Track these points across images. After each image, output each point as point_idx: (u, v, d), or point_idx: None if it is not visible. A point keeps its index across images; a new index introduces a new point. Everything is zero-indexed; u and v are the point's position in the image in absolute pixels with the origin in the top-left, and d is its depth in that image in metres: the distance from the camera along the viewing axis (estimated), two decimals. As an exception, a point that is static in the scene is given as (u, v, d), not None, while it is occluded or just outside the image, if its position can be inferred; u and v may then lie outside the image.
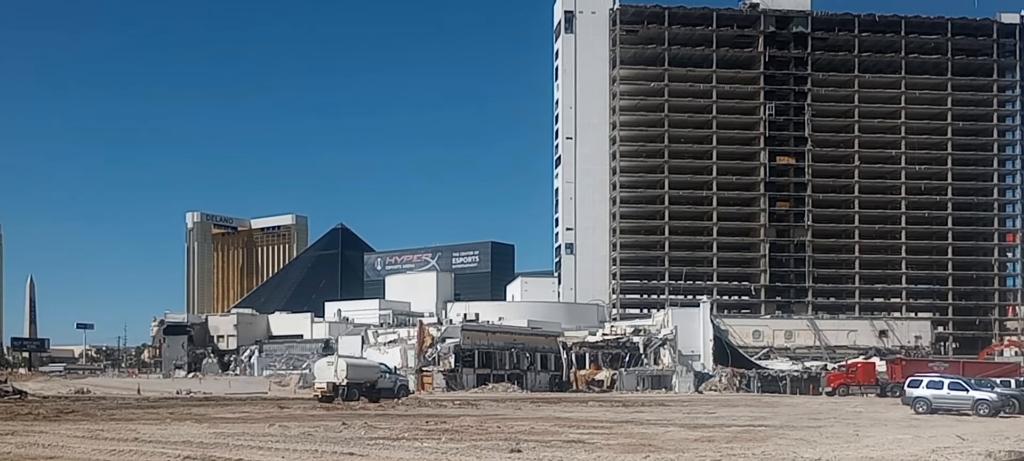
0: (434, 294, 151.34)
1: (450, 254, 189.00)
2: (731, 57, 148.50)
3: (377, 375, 61.88)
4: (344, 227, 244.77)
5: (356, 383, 58.70)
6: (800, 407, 60.36)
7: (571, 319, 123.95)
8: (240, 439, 28.79)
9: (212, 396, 68.36)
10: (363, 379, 59.97)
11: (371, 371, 62.59)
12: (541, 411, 50.64)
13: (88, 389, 78.07)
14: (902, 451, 27.63)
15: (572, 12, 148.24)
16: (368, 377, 60.76)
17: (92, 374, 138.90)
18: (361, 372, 60.88)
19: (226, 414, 43.49)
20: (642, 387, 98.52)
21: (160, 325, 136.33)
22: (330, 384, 57.59)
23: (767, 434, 34.06)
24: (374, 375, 61.63)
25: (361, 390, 58.66)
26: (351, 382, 58.20)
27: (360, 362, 67.74)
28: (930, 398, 51.83)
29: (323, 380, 58.57)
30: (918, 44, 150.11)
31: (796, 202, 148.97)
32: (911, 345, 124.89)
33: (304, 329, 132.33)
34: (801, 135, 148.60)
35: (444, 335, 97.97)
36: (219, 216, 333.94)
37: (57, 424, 35.70)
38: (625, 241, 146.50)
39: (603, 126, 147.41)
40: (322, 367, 61.05)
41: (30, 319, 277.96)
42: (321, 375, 59.81)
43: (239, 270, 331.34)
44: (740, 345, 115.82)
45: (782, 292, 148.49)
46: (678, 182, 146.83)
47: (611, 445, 28.32)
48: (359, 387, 58.76)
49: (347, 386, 57.71)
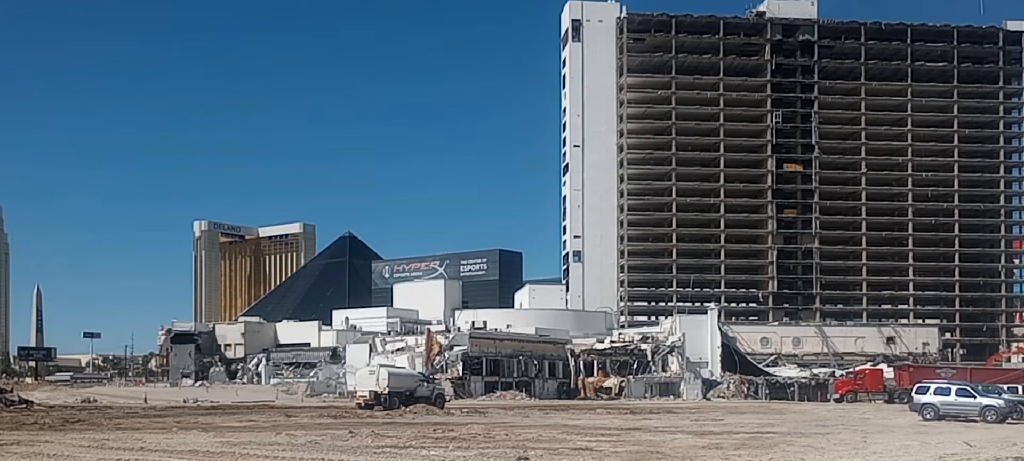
0: (442, 302, 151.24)
1: (458, 262, 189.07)
2: (738, 65, 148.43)
3: (416, 383, 64.09)
4: (352, 235, 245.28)
5: (396, 391, 60.62)
6: (808, 414, 60.26)
7: (579, 327, 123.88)
8: (247, 448, 28.81)
9: (219, 405, 68.39)
10: (403, 387, 61.95)
11: (410, 380, 65.04)
12: (549, 418, 50.61)
13: (94, 398, 77.99)
14: (910, 458, 27.59)
15: (579, 21, 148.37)
16: (408, 385, 62.89)
17: (99, 383, 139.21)
18: (401, 381, 63.10)
19: (233, 423, 43.53)
20: (650, 394, 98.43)
21: (167, 334, 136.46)
22: (372, 392, 59.70)
23: (775, 441, 34.00)
24: (413, 383, 63.84)
25: (401, 398, 60.43)
26: (392, 390, 60.12)
27: (400, 371, 69.79)
28: (937, 404, 51.76)
29: (365, 389, 60.79)
30: (924, 52, 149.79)
31: (803, 209, 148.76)
32: (918, 352, 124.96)
33: (312, 337, 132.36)
34: (808, 142, 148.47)
35: (452, 343, 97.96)
36: (227, 225, 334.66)
37: (63, 434, 35.74)
38: (633, 248, 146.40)
39: (611, 134, 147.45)
40: (364, 376, 63.19)
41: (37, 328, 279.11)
42: (363, 384, 61.96)
43: (246, 279, 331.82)
44: (748, 352, 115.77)
45: (790, 299, 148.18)
46: (686, 189, 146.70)
47: (618, 452, 28.28)
48: (399, 395, 60.62)
49: (388, 394, 59.57)
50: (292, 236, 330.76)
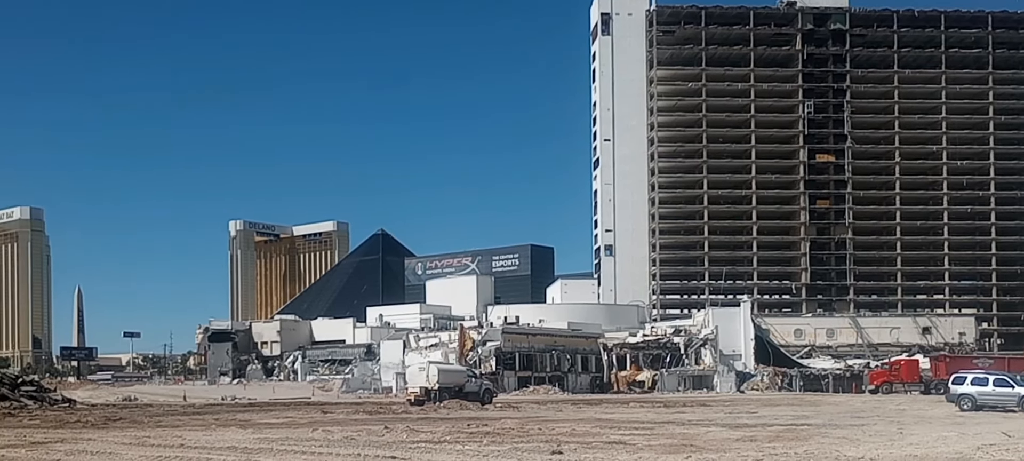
0: (474, 298, 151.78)
1: (490, 258, 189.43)
2: (769, 56, 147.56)
3: (465, 379, 64.73)
4: (385, 233, 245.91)
5: (446, 387, 61.41)
6: (843, 405, 59.92)
7: (611, 321, 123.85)
8: (284, 444, 29.16)
9: (256, 402, 69.05)
10: (453, 383, 62.69)
11: (460, 375, 65.74)
12: (582, 413, 50.69)
13: (135, 397, 79.04)
14: (947, 449, 27.37)
15: (608, 14, 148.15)
16: (457, 381, 63.61)
17: (139, 382, 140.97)
18: (451, 377, 63.90)
19: (270, 420, 43.96)
20: (683, 388, 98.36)
21: (205, 332, 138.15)
22: (423, 388, 60.61)
23: (809, 433, 33.90)
24: (462, 379, 64.51)
25: (451, 393, 61.14)
26: (442, 386, 60.97)
27: (450, 367, 70.77)
28: (975, 395, 51.21)
29: (416, 385, 61.79)
30: (958, 38, 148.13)
31: (836, 199, 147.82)
32: (955, 342, 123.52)
33: (346, 334, 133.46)
34: (841, 132, 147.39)
35: (485, 338, 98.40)
36: (261, 224, 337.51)
37: (105, 431, 36.31)
38: (665, 242, 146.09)
39: (641, 127, 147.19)
40: (415, 372, 64.36)
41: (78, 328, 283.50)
42: (414, 380, 63.10)
43: (281, 277, 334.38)
44: (781, 344, 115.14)
45: (823, 290, 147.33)
46: (717, 182, 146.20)
47: (652, 446, 28.33)
48: (449, 390, 61.35)
49: (438, 390, 60.45)
50: (326, 234, 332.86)
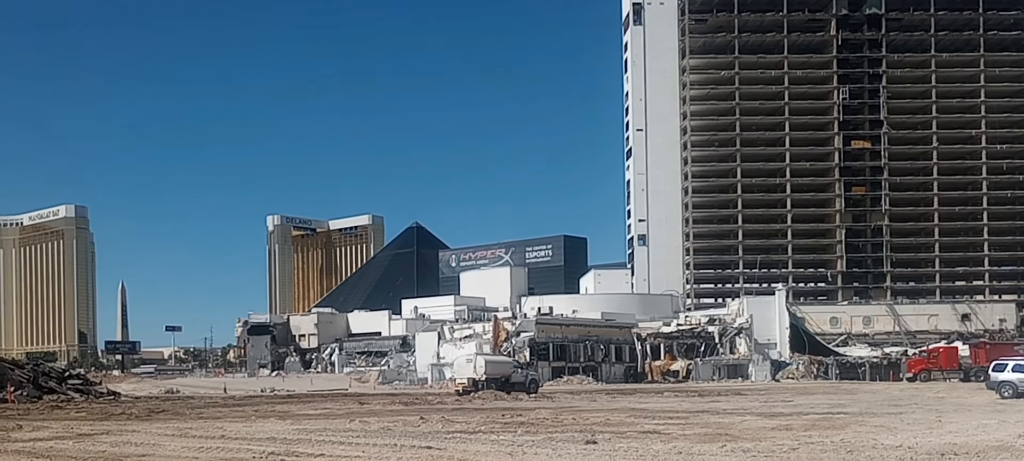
0: (508, 289, 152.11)
1: (523, 249, 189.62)
2: (803, 42, 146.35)
3: (511, 370, 66.08)
4: (419, 226, 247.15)
5: (493, 378, 62.87)
6: (880, 394, 59.58)
7: (645, 310, 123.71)
8: (322, 435, 29.55)
9: (295, 393, 69.74)
10: (498, 374, 64.08)
11: (505, 367, 67.07)
12: (616, 402, 50.81)
13: (177, 389, 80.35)
14: (987, 437, 27.16)
15: (640, 4, 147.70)
16: (503, 372, 64.97)
17: (181, 375, 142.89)
18: (497, 368, 65.37)
19: (308, 411, 44.46)
20: (718, 377, 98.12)
21: (244, 326, 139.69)
22: (470, 379, 62.28)
23: (846, 421, 33.80)
24: (508, 370, 65.85)
25: (497, 384, 62.50)
26: (488, 377, 62.55)
27: (496, 359, 72.03)
28: (1016, 382, 50.62)
29: (463, 376, 63.60)
30: (997, 21, 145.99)
31: (872, 186, 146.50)
32: (995, 328, 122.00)
33: (382, 326, 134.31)
34: (876, 118, 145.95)
35: (519, 329, 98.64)
36: (298, 218, 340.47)
37: (149, 423, 36.93)
38: (698, 231, 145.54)
39: (674, 117, 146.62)
40: (462, 364, 66.12)
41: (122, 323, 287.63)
42: (461, 372, 64.83)
43: (318, 270, 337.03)
44: (817, 332, 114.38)
45: (859, 278, 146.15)
46: (751, 170, 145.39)
47: (687, 435, 28.43)
48: (495, 381, 62.74)
49: (485, 381, 61.99)
50: (361, 228, 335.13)
